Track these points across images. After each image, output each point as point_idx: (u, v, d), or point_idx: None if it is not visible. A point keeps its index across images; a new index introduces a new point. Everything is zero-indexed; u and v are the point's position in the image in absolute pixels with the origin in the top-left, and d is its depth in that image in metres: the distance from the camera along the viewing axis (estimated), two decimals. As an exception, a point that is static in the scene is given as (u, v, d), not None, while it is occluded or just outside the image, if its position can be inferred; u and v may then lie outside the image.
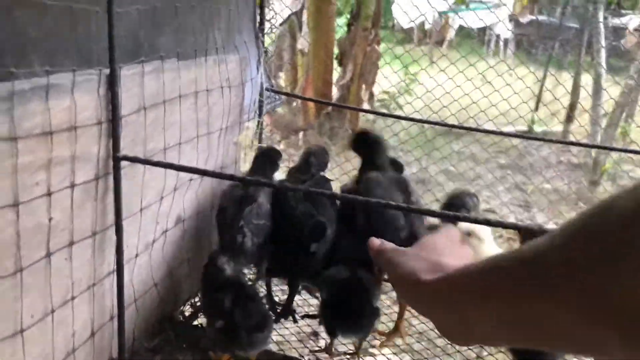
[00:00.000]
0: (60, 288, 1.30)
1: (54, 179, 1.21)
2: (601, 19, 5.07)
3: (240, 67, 1.90)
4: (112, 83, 1.33)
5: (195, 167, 1.54)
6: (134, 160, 1.41)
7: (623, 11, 6.72)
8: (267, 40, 2.21)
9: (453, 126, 2.90)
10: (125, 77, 1.37)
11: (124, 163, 1.41)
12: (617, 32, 6.27)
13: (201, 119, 1.72)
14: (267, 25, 2.09)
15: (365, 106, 7.07)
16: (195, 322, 1.89)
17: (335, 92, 6.72)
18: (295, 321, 1.87)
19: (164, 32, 1.60)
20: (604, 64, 5.25)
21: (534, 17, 6.78)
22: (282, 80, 6.67)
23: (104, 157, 1.37)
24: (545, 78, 6.06)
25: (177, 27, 1.65)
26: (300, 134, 6.42)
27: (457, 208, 1.76)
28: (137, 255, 1.58)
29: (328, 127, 6.74)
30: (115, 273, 1.49)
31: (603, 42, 5.18)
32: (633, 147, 4.07)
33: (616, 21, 6.28)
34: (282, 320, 1.86)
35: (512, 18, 7.39)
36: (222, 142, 1.88)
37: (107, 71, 1.32)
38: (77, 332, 1.38)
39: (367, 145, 1.90)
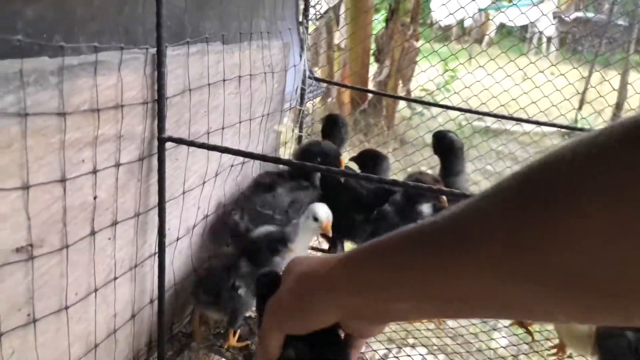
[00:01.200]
0: (104, 267, 1.30)
1: (99, 157, 1.20)
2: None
3: (283, 54, 1.87)
4: (159, 63, 1.32)
5: (239, 150, 1.51)
6: (178, 141, 1.40)
7: (675, 8, 6.43)
8: (311, 27, 2.18)
9: (493, 115, 2.82)
10: (171, 57, 1.36)
11: (168, 144, 1.41)
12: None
13: (244, 104, 1.70)
14: (311, 11, 2.05)
15: (402, 103, 6.99)
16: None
17: (372, 87, 6.66)
18: None
19: (208, 16, 1.59)
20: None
21: (579, 14, 6.56)
22: (318, 74, 6.65)
23: (149, 138, 1.37)
24: (590, 76, 5.86)
25: (221, 12, 1.63)
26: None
27: None
28: (178, 239, 1.57)
29: (363, 123, 6.69)
30: (156, 255, 1.48)
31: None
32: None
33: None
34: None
35: (557, 15, 7.16)
36: (263, 129, 1.86)
37: (153, 51, 1.31)
38: (118, 313, 1.38)
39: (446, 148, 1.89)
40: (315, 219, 1.57)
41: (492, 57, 4.08)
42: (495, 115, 2.80)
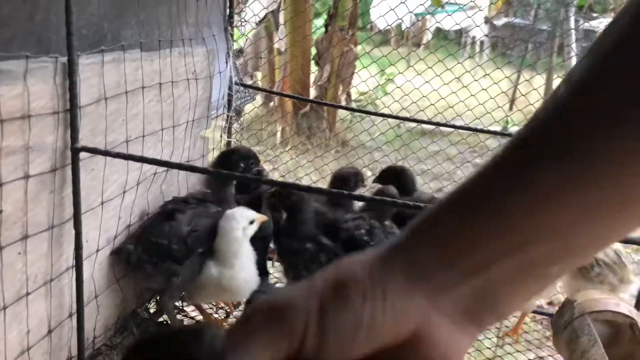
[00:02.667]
0: (13, 283, 1.25)
1: (4, 169, 1.16)
2: (572, 22, 5.16)
3: (208, 60, 1.87)
4: (70, 72, 1.29)
5: (156, 159, 1.50)
6: (93, 151, 1.38)
7: (594, 14, 6.87)
8: (237, 34, 2.19)
9: (432, 123, 2.93)
10: (84, 65, 1.33)
11: (83, 154, 1.38)
12: (588, 35, 6.38)
13: (166, 112, 1.69)
14: (236, 18, 2.06)
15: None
16: (161, 319, 1.85)
17: (312, 93, 6.72)
18: None
19: (128, 23, 1.57)
20: (575, 64, 5.34)
21: (508, 20, 6.86)
22: (260, 80, 6.64)
23: (61, 148, 1.34)
24: (518, 79, 6.15)
25: (143, 20, 1.62)
26: (278, 133, 6.40)
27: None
28: (97, 250, 1.54)
29: (306, 126, 6.73)
30: (74, 268, 1.45)
31: (574, 45, 5.28)
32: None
33: (587, 24, 6.41)
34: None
35: (487, 20, 7.48)
36: (189, 136, 1.85)
37: (63, 59, 1.28)
38: (32, 330, 1.34)
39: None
40: (251, 222, 1.58)
41: (429, 65, 4.23)
42: (425, 122, 2.91)
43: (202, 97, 1.88)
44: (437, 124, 2.71)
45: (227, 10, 2.01)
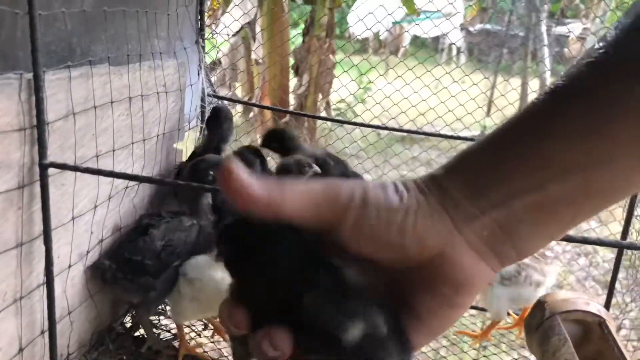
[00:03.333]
0: (-18, 301, 1.24)
1: (-30, 187, 1.16)
2: (544, 27, 5.27)
3: (179, 73, 1.88)
4: (36, 88, 1.29)
5: (125, 173, 1.50)
6: (61, 167, 1.37)
7: (566, 20, 7.02)
8: (209, 45, 2.20)
9: (405, 131, 2.96)
10: (50, 81, 1.33)
11: (51, 170, 1.37)
12: (560, 40, 6.51)
13: (136, 125, 1.69)
14: (207, 30, 2.07)
15: (322, 114, 7.12)
16: (137, 334, 1.84)
17: (292, 102, 6.74)
18: None
19: (98, 38, 1.57)
20: (548, 70, 5.45)
21: (483, 26, 6.98)
22: (239, 91, 6.65)
23: (29, 164, 1.33)
24: (494, 85, 6.25)
25: (113, 34, 1.62)
26: (258, 142, 6.40)
27: None
28: (70, 266, 1.53)
29: (286, 136, 6.74)
30: (45, 285, 1.44)
31: (546, 50, 5.38)
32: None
33: (560, 29, 6.54)
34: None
35: (463, 27, 7.61)
36: (161, 149, 1.85)
37: (29, 76, 1.28)
38: (2, 348, 1.33)
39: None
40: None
41: (409, 68, 4.28)
42: (402, 130, 2.94)
43: (173, 110, 1.88)
44: (412, 132, 2.74)
45: (199, 23, 2.02)
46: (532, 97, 6.26)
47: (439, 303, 0.36)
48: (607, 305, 1.82)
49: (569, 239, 1.42)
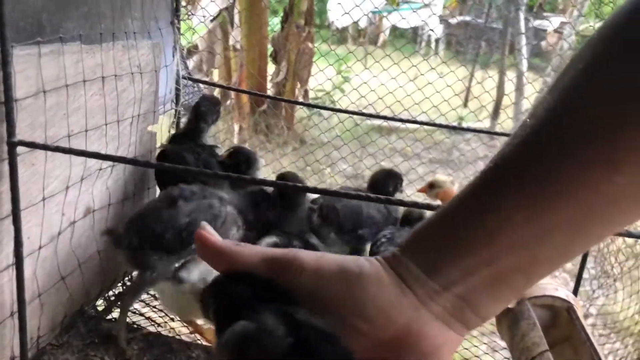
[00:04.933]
0: (-53, 282, 1.21)
1: None
2: (522, 20, 5.33)
3: (154, 54, 1.85)
4: (4, 63, 1.26)
5: (97, 152, 1.48)
6: (30, 145, 1.34)
7: (545, 14, 7.10)
8: (184, 27, 2.17)
9: (384, 117, 2.97)
10: (18, 57, 1.30)
11: (21, 149, 1.34)
12: (539, 33, 6.60)
13: (109, 106, 1.66)
14: (183, 11, 2.04)
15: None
16: (109, 317, 1.82)
17: (270, 90, 6.70)
18: None
19: (70, 16, 1.54)
20: (525, 63, 5.53)
21: (462, 18, 7.02)
22: (216, 76, 6.58)
23: (-3, 143, 1.30)
24: (472, 75, 6.30)
25: (86, 12, 1.59)
26: (235, 132, 6.36)
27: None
28: (40, 247, 1.50)
29: (264, 124, 6.71)
30: (14, 266, 1.41)
31: (524, 43, 5.45)
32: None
33: (537, 23, 6.62)
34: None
35: (442, 18, 7.64)
36: (135, 131, 1.82)
37: (-4, 51, 1.24)
38: (-31, 329, 1.30)
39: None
40: None
41: (387, 54, 4.28)
42: (380, 117, 2.95)
43: (148, 91, 1.85)
44: (388, 118, 2.75)
45: (174, 4, 1.98)
46: (508, 87, 6.34)
47: None
48: (575, 293, 1.86)
49: None
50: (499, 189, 0.36)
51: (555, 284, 1.78)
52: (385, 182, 1.89)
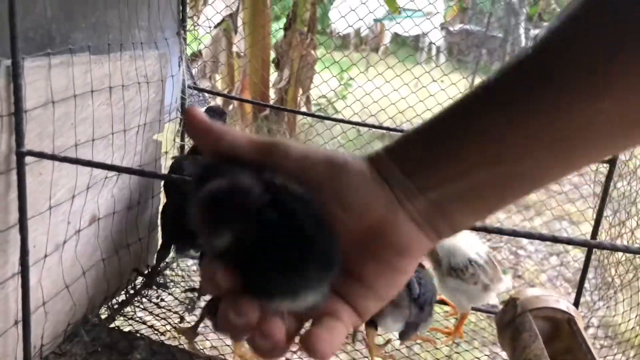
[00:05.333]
0: (-45, 290, 1.22)
1: (-55, 174, 1.14)
2: (522, 29, 5.36)
3: (160, 64, 1.86)
4: (15, 75, 1.28)
5: (104, 163, 1.49)
6: (39, 155, 1.36)
7: (544, 23, 7.13)
8: (190, 37, 2.19)
9: (382, 128, 2.98)
10: (29, 69, 1.31)
11: (29, 159, 1.36)
12: (539, 43, 6.60)
13: (116, 115, 1.67)
14: (189, 22, 2.06)
15: (303, 110, 7.12)
16: (112, 325, 1.83)
17: (272, 96, 6.72)
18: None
19: (78, 27, 1.55)
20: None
21: (463, 26, 7.05)
22: (219, 82, 6.60)
23: (6, 153, 1.31)
24: (473, 84, 6.34)
25: (94, 23, 1.60)
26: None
27: None
28: (46, 256, 1.51)
29: (266, 130, 6.73)
30: (20, 274, 1.42)
31: (525, 52, 5.47)
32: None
33: (537, 32, 6.64)
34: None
35: (443, 26, 7.68)
36: (141, 140, 1.84)
37: (7, 62, 1.26)
38: (-25, 338, 1.31)
39: None
40: None
41: (389, 66, 4.30)
42: (382, 127, 2.96)
43: (154, 101, 1.87)
44: (391, 129, 2.76)
45: (181, 15, 2.00)
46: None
47: (383, 268, 0.40)
48: (576, 304, 1.88)
49: (541, 237, 1.46)
50: (485, 103, 0.38)
51: (556, 296, 1.79)
52: None
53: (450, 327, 2.12)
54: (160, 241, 1.99)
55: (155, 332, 1.82)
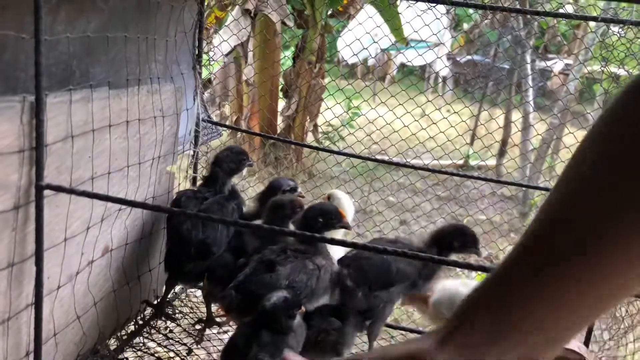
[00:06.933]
0: (-30, 322, 1.23)
1: (-33, 208, 1.16)
2: (529, 61, 5.42)
3: (175, 98, 1.90)
4: (37, 111, 1.31)
5: (119, 198, 1.52)
6: (57, 189, 1.38)
7: (549, 55, 7.23)
8: (205, 72, 2.23)
9: (393, 163, 3.02)
10: (51, 104, 1.35)
11: (47, 192, 1.38)
12: (544, 74, 6.69)
13: (132, 148, 1.70)
14: (205, 57, 2.11)
15: (310, 137, 7.17)
16: (121, 356, 1.83)
17: (280, 122, 6.79)
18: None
19: (98, 61, 1.59)
20: (531, 103, 5.60)
21: (470, 57, 7.14)
22: (228, 109, 6.68)
23: (25, 186, 1.34)
24: (479, 114, 6.38)
25: (113, 57, 1.65)
26: (244, 164, 6.41)
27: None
28: (59, 287, 1.53)
29: (273, 157, 6.78)
30: (33, 306, 1.43)
31: (531, 83, 5.53)
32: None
33: (543, 64, 6.73)
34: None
35: (450, 57, 7.79)
36: (155, 172, 1.87)
37: (31, 98, 1.30)
38: (-13, 370, 1.32)
39: None
40: None
41: (393, 95, 4.35)
42: (388, 162, 2.99)
43: (168, 134, 1.90)
44: (396, 164, 2.77)
45: (196, 50, 2.05)
46: (514, 127, 6.39)
47: None
48: (587, 343, 1.86)
49: None
50: (517, 286, 0.47)
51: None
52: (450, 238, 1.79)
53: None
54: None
55: (164, 364, 1.82)
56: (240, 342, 1.50)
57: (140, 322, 1.98)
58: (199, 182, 2.11)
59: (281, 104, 6.88)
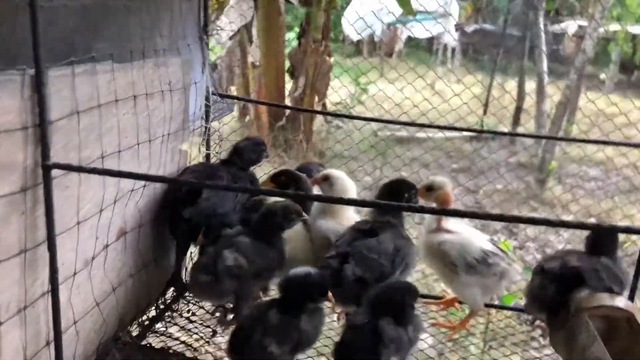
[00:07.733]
0: (-16, 312, 1.17)
1: (-29, 190, 1.09)
2: (542, 25, 5.25)
3: (183, 71, 1.81)
4: (39, 84, 1.23)
5: (135, 173, 1.44)
6: (66, 168, 1.30)
7: (561, 18, 7.02)
8: (212, 43, 2.14)
9: (406, 123, 2.91)
10: (54, 78, 1.27)
11: (55, 172, 1.30)
12: (557, 38, 6.50)
13: (141, 125, 1.62)
14: (211, 26, 2.01)
15: (319, 118, 7.06)
16: (144, 342, 1.76)
17: (288, 103, 6.69)
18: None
19: (101, 35, 1.50)
20: (545, 68, 5.44)
21: (478, 26, 6.95)
22: (235, 92, 6.58)
23: (32, 166, 1.26)
24: (491, 85, 6.22)
25: (117, 31, 1.56)
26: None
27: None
28: (75, 273, 1.46)
29: (282, 139, 6.69)
30: (50, 293, 1.36)
31: (544, 48, 5.36)
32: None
33: (555, 27, 6.54)
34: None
35: (458, 27, 7.59)
36: (166, 149, 1.78)
37: (31, 72, 1.21)
38: (6, 361, 1.25)
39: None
40: None
41: (400, 74, 4.24)
42: (404, 123, 2.89)
43: (178, 109, 1.82)
44: (414, 125, 2.65)
45: (202, 19, 1.95)
46: (528, 97, 6.24)
47: None
48: (631, 298, 1.77)
49: (547, 223, 1.56)
50: None
51: (608, 293, 1.68)
52: (399, 191, 1.79)
53: (452, 321, 2.01)
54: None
55: (189, 347, 1.75)
56: (247, 325, 1.44)
57: (162, 306, 1.91)
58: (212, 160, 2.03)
59: (288, 86, 6.77)
